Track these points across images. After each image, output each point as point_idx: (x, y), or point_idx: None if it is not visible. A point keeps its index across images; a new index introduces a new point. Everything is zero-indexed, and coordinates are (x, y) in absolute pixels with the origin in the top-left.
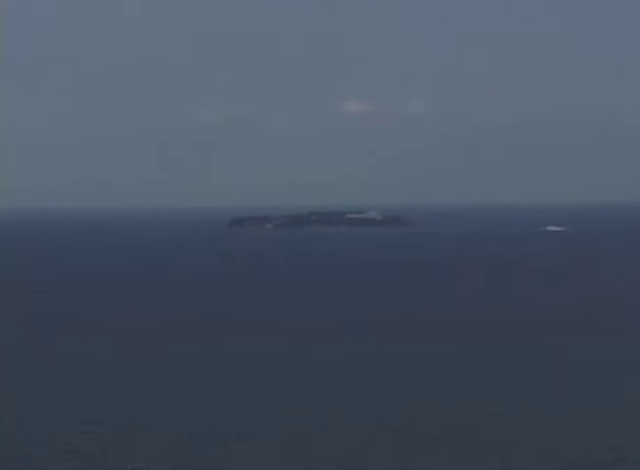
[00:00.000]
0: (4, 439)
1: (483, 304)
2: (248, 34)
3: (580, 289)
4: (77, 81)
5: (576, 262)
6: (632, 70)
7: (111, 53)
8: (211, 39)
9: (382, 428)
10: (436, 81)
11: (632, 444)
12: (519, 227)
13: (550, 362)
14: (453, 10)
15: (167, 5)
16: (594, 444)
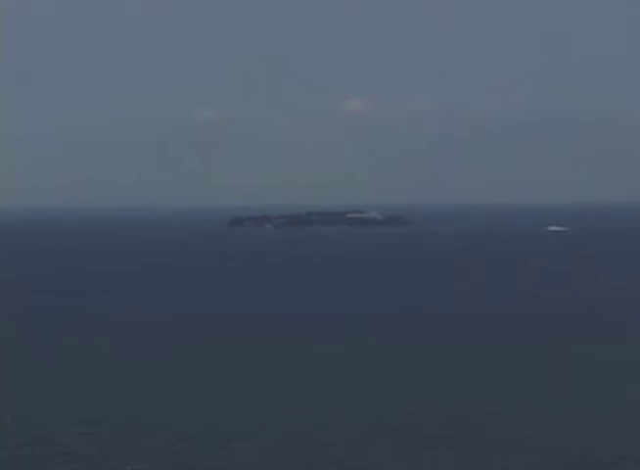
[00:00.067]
0: (4, 439)
1: (484, 304)
2: (248, 34)
3: (582, 289)
4: (77, 81)
5: (578, 263)
6: (632, 70)
7: (111, 53)
8: (211, 39)
9: (382, 428)
10: (437, 81)
11: (632, 444)
12: (520, 227)
13: (550, 362)
14: (453, 10)
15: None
16: (594, 444)
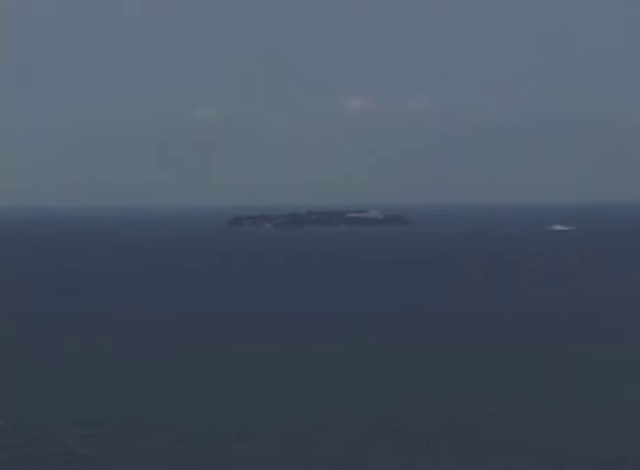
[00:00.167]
0: (4, 439)
1: (485, 304)
2: (248, 34)
3: (583, 289)
4: (77, 81)
5: (582, 262)
6: (632, 70)
7: (111, 53)
8: (211, 39)
9: (382, 428)
10: (437, 81)
11: (632, 444)
12: (523, 227)
13: (550, 362)
14: (453, 10)
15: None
16: (594, 444)
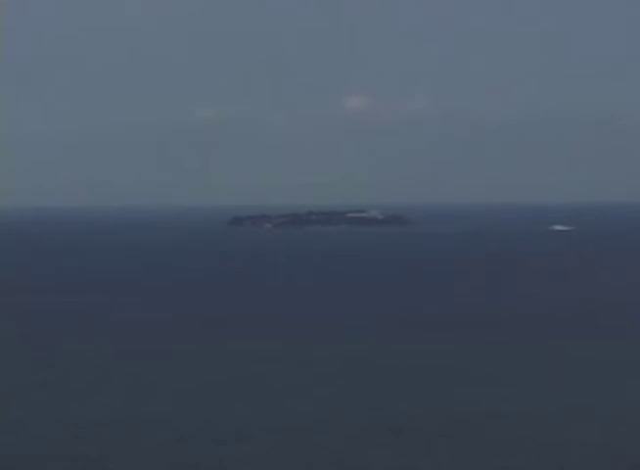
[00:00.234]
0: (4, 439)
1: (485, 304)
2: (248, 34)
3: (583, 289)
4: (77, 81)
5: (582, 262)
6: (632, 70)
7: (111, 53)
8: (211, 39)
9: (382, 428)
10: (437, 81)
11: (632, 444)
12: (523, 227)
13: (550, 362)
14: (453, 10)
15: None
16: (594, 444)
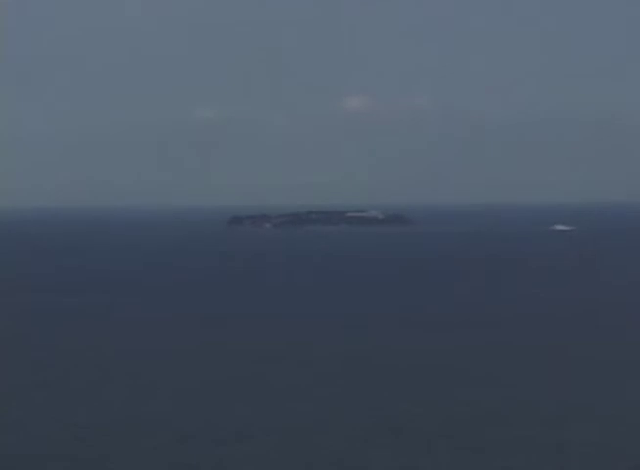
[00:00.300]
0: (4, 439)
1: (485, 304)
2: (247, 34)
3: (583, 289)
4: (77, 81)
5: (583, 263)
6: (632, 70)
7: (111, 53)
8: (211, 39)
9: (382, 428)
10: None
11: (632, 444)
12: (524, 227)
13: (550, 362)
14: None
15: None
16: (594, 444)
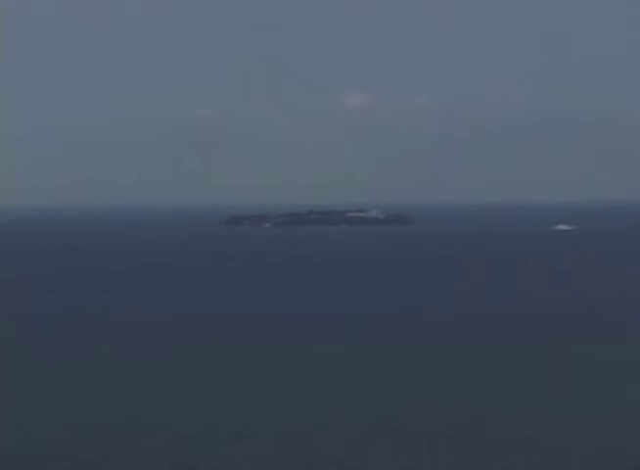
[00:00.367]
0: (4, 439)
1: (485, 304)
2: (247, 33)
3: (584, 289)
4: (77, 81)
5: (584, 262)
6: (632, 70)
7: (111, 53)
8: (211, 38)
9: (382, 428)
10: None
11: (632, 444)
12: (525, 226)
13: (550, 362)
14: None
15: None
16: (594, 444)
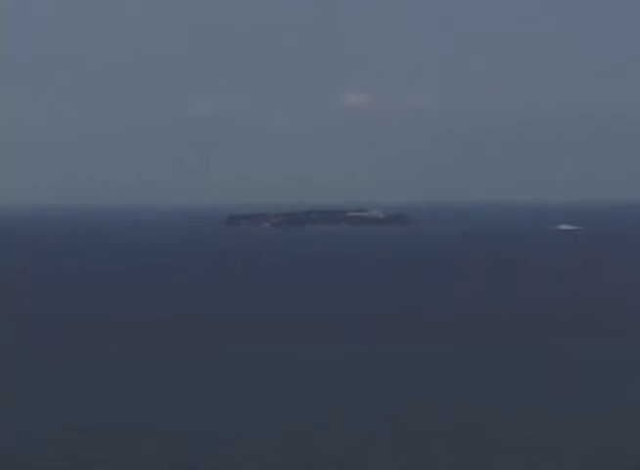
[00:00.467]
0: (4, 439)
1: (485, 304)
2: (247, 32)
3: (584, 289)
4: (77, 81)
5: (588, 262)
6: (632, 70)
7: (111, 53)
8: (211, 38)
9: (382, 428)
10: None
11: (632, 444)
12: (528, 226)
13: (550, 362)
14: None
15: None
16: (594, 444)
